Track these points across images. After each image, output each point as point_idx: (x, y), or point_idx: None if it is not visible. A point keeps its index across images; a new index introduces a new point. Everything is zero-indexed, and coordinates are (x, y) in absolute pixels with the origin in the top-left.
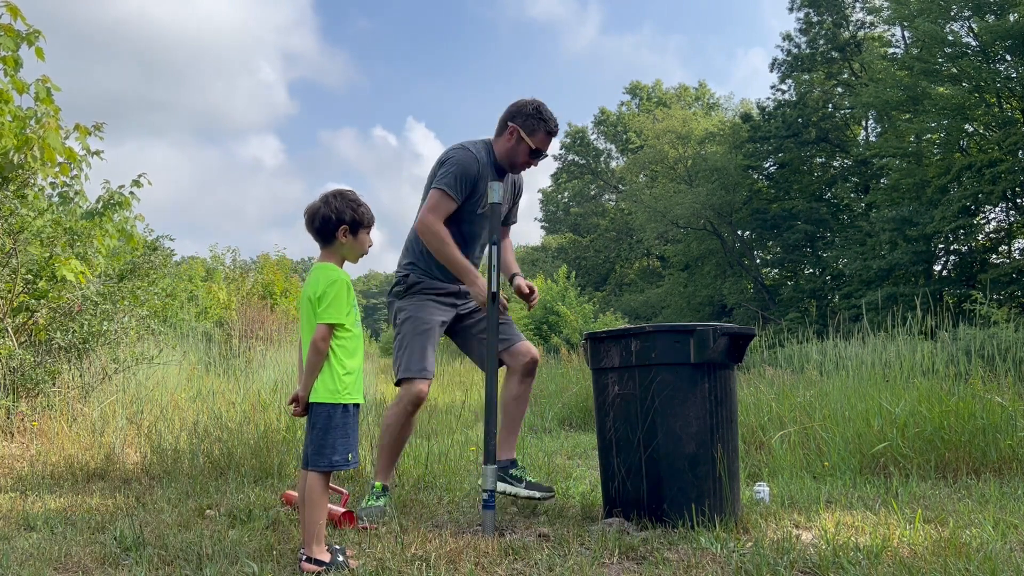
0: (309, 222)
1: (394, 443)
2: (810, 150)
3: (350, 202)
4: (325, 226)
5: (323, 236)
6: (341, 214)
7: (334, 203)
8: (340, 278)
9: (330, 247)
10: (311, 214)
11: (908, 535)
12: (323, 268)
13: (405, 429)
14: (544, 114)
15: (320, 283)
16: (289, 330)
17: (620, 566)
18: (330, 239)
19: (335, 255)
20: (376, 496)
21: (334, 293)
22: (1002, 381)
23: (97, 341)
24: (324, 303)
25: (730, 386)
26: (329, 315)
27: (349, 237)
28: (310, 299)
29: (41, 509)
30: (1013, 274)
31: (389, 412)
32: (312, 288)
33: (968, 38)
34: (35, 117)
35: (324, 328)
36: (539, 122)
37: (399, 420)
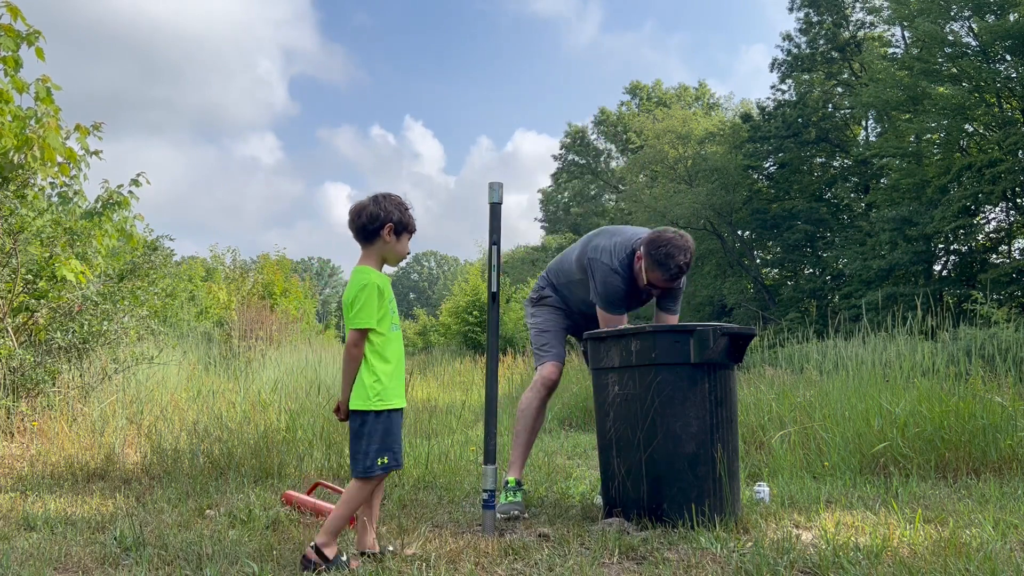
0: (355, 218)
1: (528, 430)
2: (810, 150)
3: (398, 204)
4: (371, 223)
5: (367, 234)
6: (389, 213)
7: (383, 202)
8: (372, 281)
9: (372, 246)
10: (358, 210)
11: (908, 535)
12: (358, 272)
13: (539, 416)
14: (662, 259)
15: (353, 288)
16: (289, 330)
17: (620, 566)
18: (373, 238)
19: (375, 256)
20: (512, 492)
21: (364, 297)
22: (1002, 381)
23: (97, 341)
24: (355, 308)
25: (730, 386)
26: (360, 320)
27: (392, 238)
28: (345, 302)
29: (41, 509)
30: (1013, 274)
31: (523, 397)
32: (346, 293)
33: (968, 38)
34: (35, 117)
35: (355, 334)
36: (658, 266)
37: (531, 403)
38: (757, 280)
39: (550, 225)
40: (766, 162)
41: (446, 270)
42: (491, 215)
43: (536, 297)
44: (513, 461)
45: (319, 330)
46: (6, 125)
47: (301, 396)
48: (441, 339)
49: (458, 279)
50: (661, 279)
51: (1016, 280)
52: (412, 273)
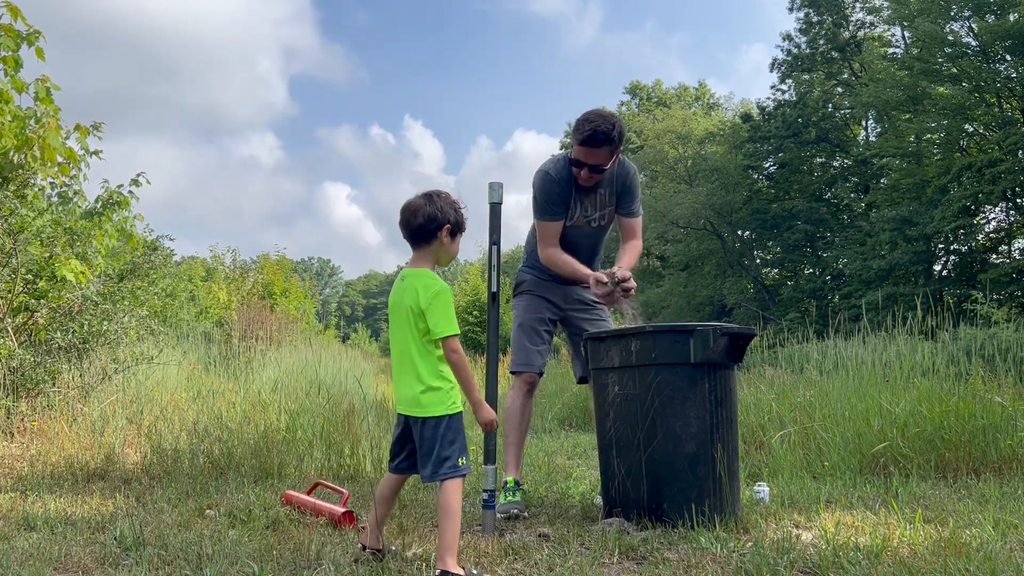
0: (411, 218)
1: (517, 430)
2: (810, 150)
3: (453, 203)
4: (429, 224)
5: (423, 235)
6: (446, 214)
7: (439, 202)
8: (444, 288)
9: (427, 248)
10: (414, 211)
11: (908, 535)
12: (423, 276)
13: (524, 413)
14: (578, 125)
15: (425, 294)
16: (289, 330)
17: (620, 566)
18: (430, 239)
19: (429, 258)
20: (512, 491)
21: (441, 304)
22: (1002, 381)
23: (97, 341)
24: (435, 316)
25: (730, 386)
26: (449, 326)
27: (448, 239)
28: (412, 309)
29: (41, 509)
30: (1013, 274)
31: (507, 397)
32: (413, 298)
33: (968, 38)
34: (35, 117)
35: (452, 340)
36: (575, 133)
37: (515, 402)
38: (757, 280)
39: None
40: (766, 162)
41: (446, 270)
42: (491, 215)
43: (515, 285)
44: (508, 462)
45: (319, 330)
46: (6, 125)
47: (301, 396)
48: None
49: (458, 279)
50: (579, 146)
51: (1016, 280)
52: None
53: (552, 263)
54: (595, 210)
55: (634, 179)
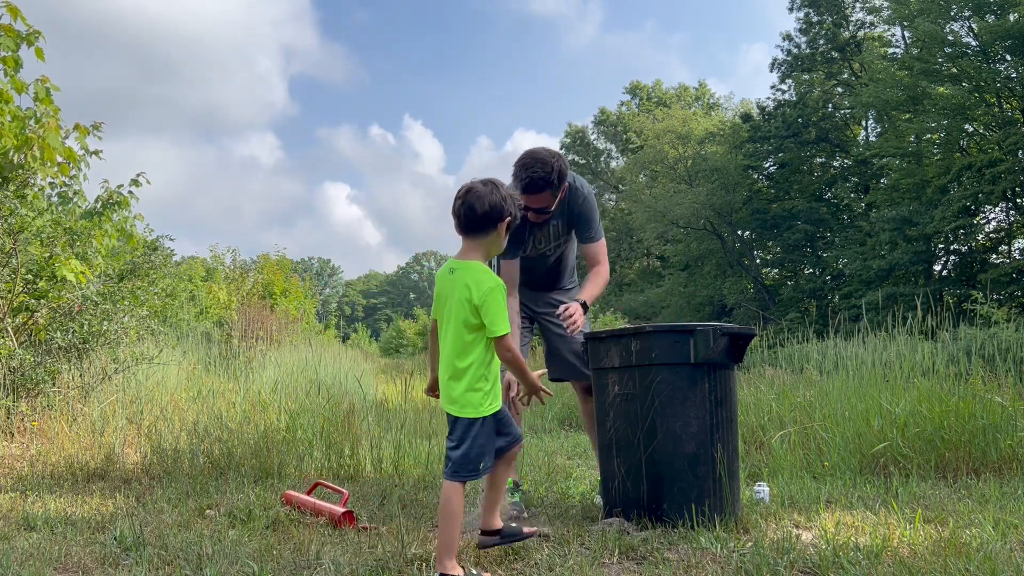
0: (476, 205)
1: None
2: (810, 150)
3: (511, 196)
4: (491, 213)
5: (483, 225)
6: (508, 205)
7: (500, 192)
8: (498, 283)
9: (481, 238)
10: (479, 197)
11: (908, 535)
12: (475, 270)
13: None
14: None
15: (478, 290)
16: (289, 330)
17: (620, 566)
18: (488, 230)
19: (480, 249)
20: (511, 493)
21: (495, 302)
22: (1002, 381)
23: (97, 341)
24: (491, 314)
25: (730, 386)
26: (504, 325)
27: (503, 231)
28: (465, 302)
29: (41, 509)
30: (1013, 274)
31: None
32: (464, 293)
33: (968, 38)
34: (35, 117)
35: (506, 339)
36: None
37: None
38: (757, 280)
39: None
40: (766, 162)
41: None
42: None
43: None
44: None
45: (319, 330)
46: (6, 125)
47: (301, 396)
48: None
49: None
50: (521, 194)
51: (1016, 280)
52: (412, 273)
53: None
54: (548, 242)
55: (586, 205)
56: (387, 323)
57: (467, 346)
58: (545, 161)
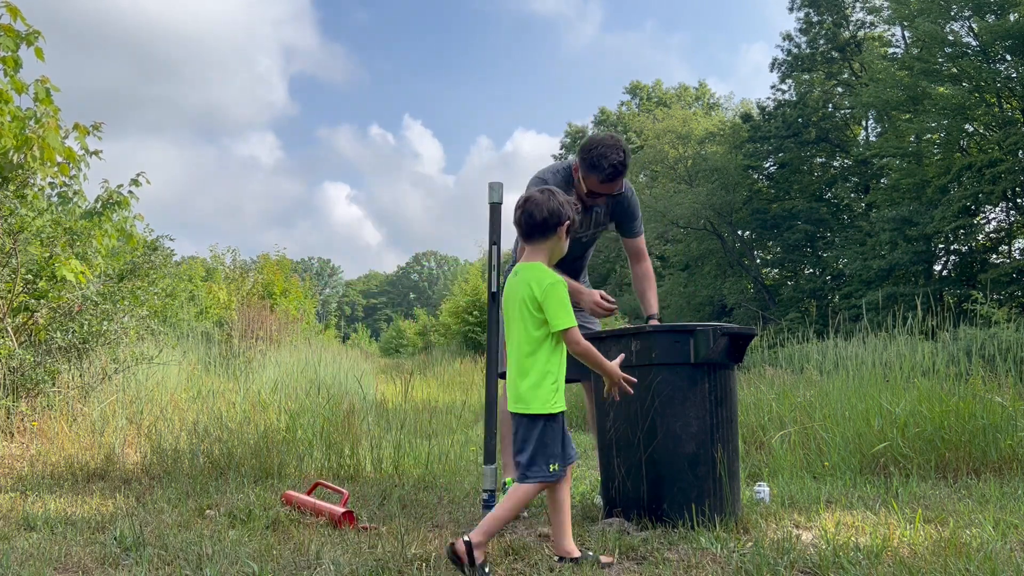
0: (535, 212)
1: None
2: (810, 150)
3: (569, 200)
4: (551, 219)
5: (542, 230)
6: (566, 211)
7: (558, 198)
8: (559, 280)
9: (542, 243)
10: (536, 204)
11: (908, 535)
12: (537, 269)
13: None
14: (595, 160)
15: (539, 286)
16: (289, 330)
17: (620, 566)
18: (548, 234)
19: (543, 253)
20: None
21: (557, 296)
22: (1002, 381)
23: (97, 341)
24: (553, 308)
25: (730, 386)
26: (568, 318)
27: (563, 235)
28: (526, 301)
29: (41, 509)
30: (1013, 274)
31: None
32: (527, 290)
33: (968, 38)
34: (35, 117)
35: (572, 332)
36: (592, 169)
37: (505, 407)
38: (757, 280)
39: None
40: (766, 162)
41: (446, 270)
42: (491, 215)
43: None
44: (507, 463)
45: (319, 330)
46: (5, 125)
47: (301, 396)
48: (441, 339)
49: (458, 279)
50: (598, 183)
51: (1016, 280)
52: (412, 273)
53: None
54: (587, 228)
55: (634, 199)
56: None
57: (533, 343)
58: (619, 147)
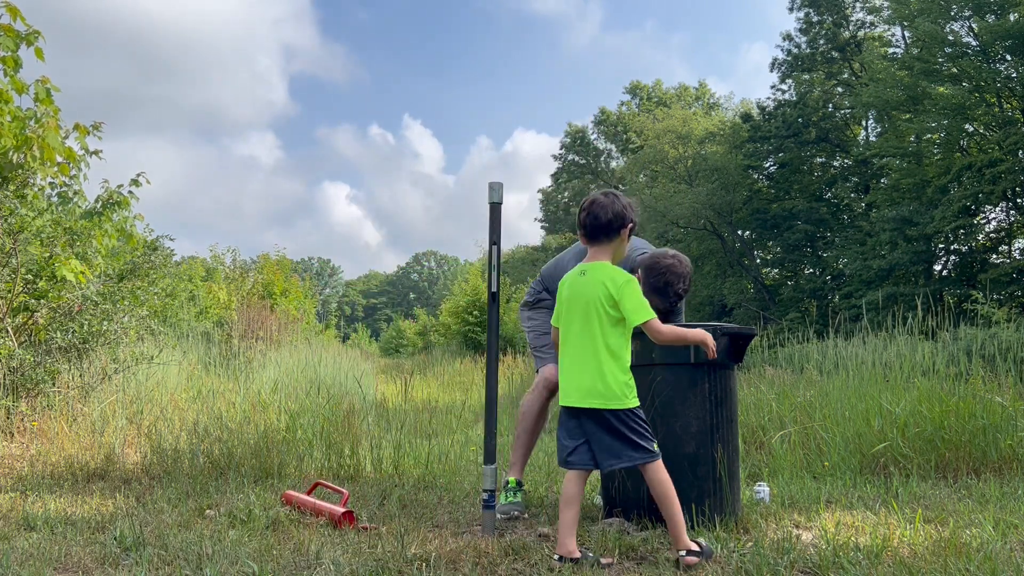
0: (600, 214)
1: (529, 432)
2: (810, 150)
3: (631, 203)
4: (616, 221)
5: (607, 232)
6: (629, 213)
7: (621, 201)
8: (631, 277)
9: (607, 244)
10: (603, 206)
11: (908, 535)
12: (608, 268)
13: (540, 418)
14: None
15: (614, 285)
16: (289, 330)
17: (620, 566)
18: (613, 235)
19: (607, 253)
20: (513, 492)
21: (633, 292)
22: (1002, 381)
23: (97, 341)
24: (632, 304)
25: (730, 386)
26: (648, 311)
27: (626, 237)
28: (602, 300)
29: (41, 509)
30: (1013, 274)
31: (525, 399)
32: (601, 290)
33: (968, 38)
34: (35, 117)
35: (653, 322)
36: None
37: (533, 405)
38: (757, 280)
39: (550, 225)
40: (766, 162)
41: (446, 270)
42: (491, 215)
43: (532, 300)
44: (514, 462)
45: (319, 330)
46: (5, 125)
47: (301, 396)
48: (441, 339)
49: (458, 279)
50: (660, 305)
51: (1016, 280)
52: (412, 273)
53: None
54: None
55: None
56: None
57: (608, 339)
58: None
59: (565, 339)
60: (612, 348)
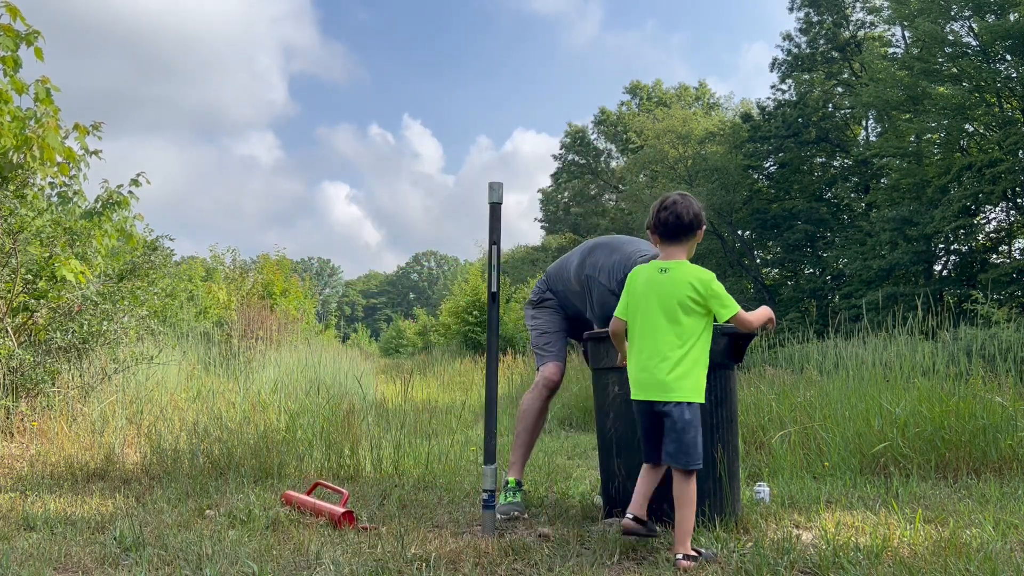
0: (683, 214)
1: (529, 431)
2: (810, 150)
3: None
4: (695, 222)
5: (687, 231)
6: (702, 214)
7: (697, 203)
8: (713, 275)
9: (684, 243)
10: (686, 207)
11: (908, 535)
12: (691, 266)
13: (540, 417)
14: None
15: (701, 283)
16: (289, 330)
17: (620, 566)
18: (689, 236)
19: (684, 251)
20: (512, 492)
21: (719, 288)
22: (1002, 381)
23: (97, 341)
24: (720, 299)
25: (730, 386)
26: (734, 304)
27: (701, 236)
28: (689, 297)
29: (41, 509)
30: (1013, 274)
31: (525, 398)
32: (687, 288)
33: (968, 38)
34: (35, 117)
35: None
36: None
37: (532, 404)
38: (757, 280)
39: (550, 225)
40: (766, 162)
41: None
42: (491, 215)
43: (536, 300)
44: (513, 462)
45: (319, 330)
46: (5, 125)
47: (301, 396)
48: (441, 339)
49: (458, 279)
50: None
51: (1016, 280)
52: (412, 273)
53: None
54: None
55: None
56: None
57: (685, 334)
58: None
59: (640, 333)
60: (686, 342)
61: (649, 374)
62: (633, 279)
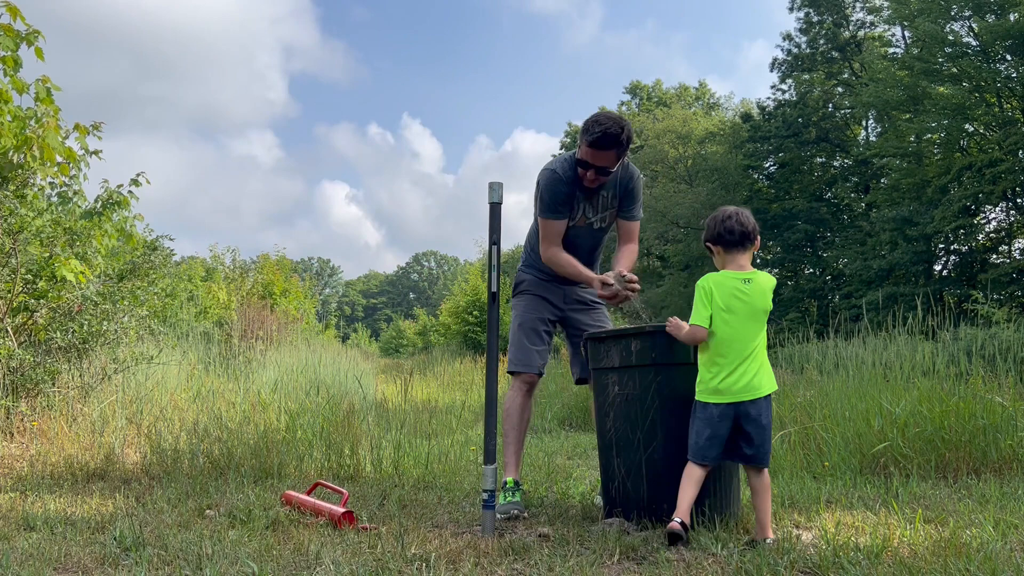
0: (747, 223)
1: (516, 429)
2: (810, 150)
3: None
4: (755, 232)
5: (751, 239)
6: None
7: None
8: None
9: (749, 251)
10: (747, 217)
11: (908, 535)
12: (767, 276)
13: (524, 412)
14: (587, 126)
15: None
16: (289, 330)
17: (620, 566)
18: (749, 245)
19: (749, 258)
20: (511, 492)
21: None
22: (1002, 381)
23: (97, 341)
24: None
25: None
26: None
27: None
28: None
29: (41, 509)
30: (1013, 274)
31: (507, 397)
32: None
33: (968, 38)
34: (35, 117)
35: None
36: (584, 133)
37: (515, 402)
38: None
39: None
40: (766, 162)
41: (446, 270)
42: (491, 215)
43: (514, 285)
44: (508, 462)
45: (319, 330)
46: (5, 125)
47: (301, 396)
48: (441, 339)
49: (458, 279)
50: (587, 147)
51: (1016, 280)
52: (412, 273)
53: (554, 263)
54: (596, 212)
55: (638, 183)
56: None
57: (762, 336)
58: (617, 120)
59: (728, 341)
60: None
61: (737, 378)
62: (710, 290)
